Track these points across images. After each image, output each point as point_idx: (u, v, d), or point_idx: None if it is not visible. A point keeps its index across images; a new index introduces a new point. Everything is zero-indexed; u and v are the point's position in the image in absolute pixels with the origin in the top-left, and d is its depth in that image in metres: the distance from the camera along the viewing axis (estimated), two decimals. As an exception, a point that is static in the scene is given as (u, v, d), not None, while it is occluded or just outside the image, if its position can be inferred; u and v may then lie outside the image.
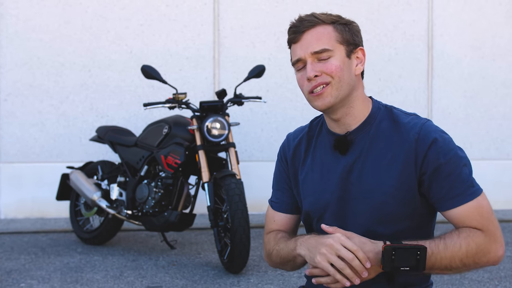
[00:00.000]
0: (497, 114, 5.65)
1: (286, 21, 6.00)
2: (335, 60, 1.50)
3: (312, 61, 1.50)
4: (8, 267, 3.71)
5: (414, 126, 1.50)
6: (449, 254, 1.43)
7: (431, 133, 1.48)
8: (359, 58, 1.55)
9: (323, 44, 1.49)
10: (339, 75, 1.50)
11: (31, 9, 5.17)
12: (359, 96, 1.55)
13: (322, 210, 1.58)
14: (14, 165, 5.20)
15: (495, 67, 5.65)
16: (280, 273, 3.55)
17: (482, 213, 1.47)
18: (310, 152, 1.63)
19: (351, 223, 1.54)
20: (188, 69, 5.31)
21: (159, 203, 3.90)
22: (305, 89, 1.53)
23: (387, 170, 1.50)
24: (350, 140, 1.55)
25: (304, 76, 1.52)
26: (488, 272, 3.57)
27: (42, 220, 5.04)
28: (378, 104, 1.59)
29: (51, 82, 5.20)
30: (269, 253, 1.68)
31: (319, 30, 1.51)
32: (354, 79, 1.54)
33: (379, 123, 1.55)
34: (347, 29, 1.53)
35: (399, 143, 1.50)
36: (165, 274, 3.56)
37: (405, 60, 5.53)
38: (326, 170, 1.58)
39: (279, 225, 1.70)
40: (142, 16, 5.26)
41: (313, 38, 1.50)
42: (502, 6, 5.64)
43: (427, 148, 1.47)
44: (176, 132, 3.88)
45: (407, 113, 1.57)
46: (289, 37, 1.55)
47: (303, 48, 1.51)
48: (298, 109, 5.35)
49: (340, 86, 1.50)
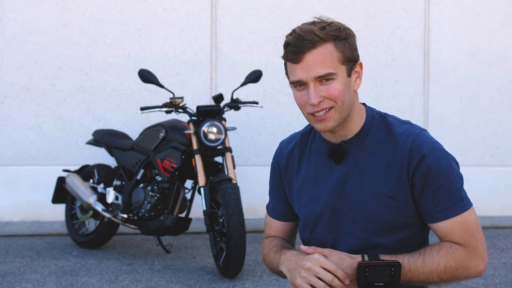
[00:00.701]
0: (493, 120, 5.67)
1: (283, 26, 6.01)
2: (338, 84, 1.47)
3: (314, 85, 1.46)
4: (3, 270, 3.70)
5: (408, 136, 1.50)
6: (427, 270, 1.45)
7: (424, 145, 1.48)
8: (358, 73, 1.54)
9: (327, 68, 1.45)
10: (342, 99, 1.48)
11: (29, 12, 5.18)
12: (356, 109, 1.55)
13: (315, 219, 1.59)
14: (10, 168, 5.20)
15: (491, 73, 5.67)
16: (276, 278, 3.55)
17: (467, 228, 1.48)
18: (304, 160, 1.63)
19: (346, 233, 1.54)
20: (185, 73, 5.32)
21: (155, 207, 3.90)
22: (306, 110, 1.50)
23: (382, 179, 1.50)
24: (345, 149, 1.55)
25: (304, 96, 1.49)
26: (483, 279, 3.58)
27: (38, 223, 5.03)
28: (372, 111, 1.58)
29: (48, 85, 5.20)
30: (264, 259, 1.71)
31: (321, 51, 1.45)
32: (353, 96, 1.53)
33: (374, 132, 1.55)
34: (347, 44, 1.48)
35: (393, 152, 1.50)
36: (161, 278, 3.56)
37: (401, 66, 5.55)
38: (321, 179, 1.58)
39: (276, 231, 1.73)
40: (139, 20, 5.27)
41: (315, 61, 1.44)
42: (498, 13, 5.67)
43: (419, 159, 1.47)
44: (173, 136, 3.88)
45: (401, 121, 1.56)
46: (287, 56, 1.48)
47: (305, 71, 1.45)
48: (295, 114, 5.36)
49: (343, 109, 1.49)
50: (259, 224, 5.00)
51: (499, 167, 5.65)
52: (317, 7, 5.43)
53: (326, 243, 1.58)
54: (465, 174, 1.71)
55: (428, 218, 1.51)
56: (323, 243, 1.58)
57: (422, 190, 1.48)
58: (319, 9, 5.41)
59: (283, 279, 1.68)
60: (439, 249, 1.47)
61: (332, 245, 1.57)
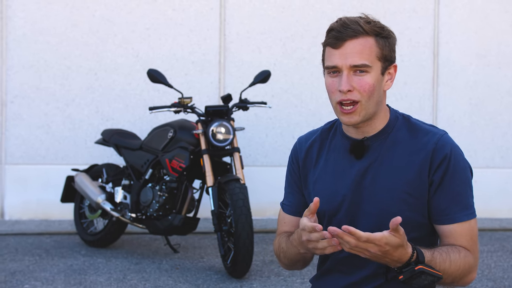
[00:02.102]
0: (502, 122, 5.64)
1: (292, 27, 6.02)
2: (370, 78, 1.50)
3: (348, 73, 1.49)
4: (12, 268, 3.72)
5: (433, 136, 1.53)
6: (450, 272, 1.46)
7: (448, 146, 1.51)
8: (391, 74, 1.57)
9: (364, 59, 1.48)
10: (370, 94, 1.50)
11: (39, 12, 5.20)
12: (382, 109, 1.58)
13: (333, 212, 1.59)
14: (19, 167, 5.23)
15: (500, 75, 5.64)
16: (283, 278, 3.55)
17: (472, 236, 1.50)
18: (323, 154, 1.64)
19: (361, 227, 1.54)
20: (194, 73, 5.32)
21: (163, 207, 3.90)
22: (335, 98, 1.52)
23: (401, 175, 1.52)
24: (366, 146, 1.57)
25: (335, 83, 1.51)
26: (492, 281, 3.56)
27: (47, 222, 5.06)
28: (396, 113, 1.61)
29: (58, 85, 5.23)
30: (277, 254, 1.70)
31: (362, 42, 1.49)
32: (382, 95, 1.55)
33: (397, 131, 1.57)
34: (387, 43, 1.53)
35: (416, 150, 1.53)
36: (168, 277, 3.57)
37: (410, 67, 5.53)
38: (340, 173, 1.59)
39: (289, 226, 1.71)
40: (148, 20, 5.29)
41: (355, 49, 1.48)
42: (508, 14, 5.64)
43: (442, 159, 1.49)
44: (181, 136, 3.89)
45: (425, 123, 1.59)
46: (328, 40, 1.52)
47: (342, 58, 1.49)
48: (303, 114, 5.36)
49: (369, 105, 1.51)
50: (267, 225, 4.99)
51: (509, 169, 5.62)
52: (326, 7, 5.42)
53: None
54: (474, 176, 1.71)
55: (437, 219, 1.51)
56: None
57: (437, 189, 1.49)
58: (328, 9, 5.41)
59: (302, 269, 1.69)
60: (459, 252, 1.48)
61: None
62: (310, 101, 5.38)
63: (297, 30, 5.41)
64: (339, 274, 1.61)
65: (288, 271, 3.69)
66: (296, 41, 5.41)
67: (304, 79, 5.35)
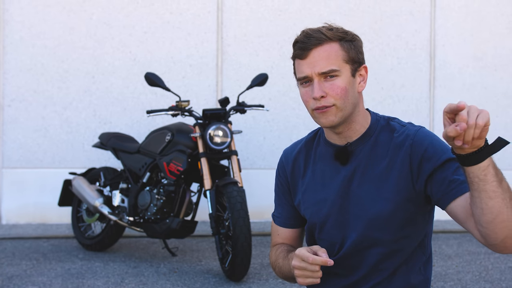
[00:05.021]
0: (499, 124, 5.66)
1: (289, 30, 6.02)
2: (341, 81, 1.53)
3: (318, 80, 1.52)
4: (10, 272, 3.71)
5: (408, 133, 1.55)
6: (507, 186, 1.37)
7: (425, 138, 1.53)
8: (362, 76, 1.59)
9: (330, 65, 1.52)
10: (344, 97, 1.53)
11: (36, 16, 5.21)
12: (360, 111, 1.60)
13: (323, 220, 1.62)
14: (17, 171, 5.22)
15: (496, 77, 5.66)
16: (281, 282, 3.55)
17: None
18: (310, 164, 1.67)
19: (351, 230, 1.58)
20: (191, 76, 5.33)
21: (161, 210, 3.90)
22: (310, 106, 1.55)
23: (385, 177, 1.55)
24: (350, 151, 1.60)
25: (309, 93, 1.55)
26: (489, 283, 3.57)
27: (44, 226, 5.05)
28: (376, 116, 1.64)
29: (55, 88, 5.22)
30: (273, 267, 1.73)
31: (326, 48, 1.52)
32: (357, 96, 1.58)
33: (378, 134, 1.60)
34: (352, 46, 1.55)
35: (395, 151, 1.55)
36: (166, 281, 3.56)
37: (407, 70, 5.55)
38: (327, 180, 1.62)
39: (283, 238, 1.75)
40: (146, 24, 5.29)
41: (320, 57, 1.52)
42: (504, 17, 5.67)
43: (422, 153, 1.50)
44: (179, 140, 3.89)
45: (402, 123, 1.61)
46: (295, 52, 1.56)
47: (310, 67, 1.53)
48: (300, 117, 5.37)
49: (344, 107, 1.54)
50: (265, 227, 5.00)
51: (506, 171, 5.59)
52: (323, 10, 5.44)
53: (335, 242, 1.61)
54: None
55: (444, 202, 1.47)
56: (331, 242, 1.62)
57: (432, 179, 1.49)
58: (325, 12, 5.42)
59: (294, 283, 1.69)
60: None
61: (340, 243, 1.60)
62: (308, 104, 5.38)
63: (294, 33, 5.39)
64: (336, 277, 1.63)
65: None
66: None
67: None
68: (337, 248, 1.61)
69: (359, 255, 1.58)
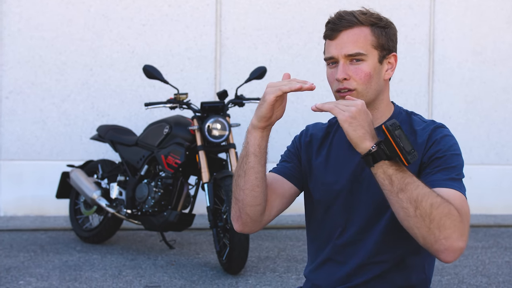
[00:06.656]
0: (498, 119, 5.65)
1: (288, 23, 6.00)
2: (366, 66, 1.53)
3: (344, 63, 1.53)
4: (7, 264, 3.71)
5: (427, 127, 1.55)
6: (425, 191, 1.35)
7: (443, 131, 1.54)
8: (391, 63, 1.59)
9: (358, 48, 1.52)
10: (367, 82, 1.53)
11: (34, 8, 5.18)
12: (384, 100, 1.60)
13: (331, 201, 1.61)
14: (14, 163, 5.21)
15: (496, 72, 5.66)
16: (279, 275, 3.56)
17: (463, 205, 1.40)
18: (326, 146, 1.67)
19: (357, 216, 1.58)
20: (190, 69, 5.32)
21: (158, 203, 3.90)
22: (333, 87, 1.56)
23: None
24: None
25: (334, 74, 1.55)
26: (486, 277, 3.58)
27: (42, 218, 5.05)
28: (399, 108, 1.64)
29: (53, 81, 5.21)
30: (235, 197, 1.57)
31: (356, 31, 1.53)
32: (382, 84, 1.58)
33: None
34: (384, 33, 1.56)
35: (413, 141, 1.54)
36: (164, 273, 3.57)
37: (406, 64, 5.54)
38: (340, 164, 1.61)
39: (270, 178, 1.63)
40: (144, 16, 5.27)
41: (349, 39, 1.53)
42: (503, 11, 5.65)
43: (433, 142, 1.51)
44: (177, 132, 3.89)
45: (424, 120, 1.61)
46: (325, 32, 1.57)
47: (338, 48, 1.53)
48: (299, 111, 5.36)
49: (366, 92, 1.54)
50: (262, 221, 5.00)
51: (504, 166, 5.64)
52: (322, 3, 5.42)
53: (339, 224, 1.60)
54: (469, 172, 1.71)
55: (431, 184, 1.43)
56: (335, 224, 1.61)
57: (431, 161, 1.49)
58: (324, 5, 5.40)
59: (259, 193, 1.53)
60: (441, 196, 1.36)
61: (344, 226, 1.59)
62: (306, 97, 5.38)
63: (293, 26, 5.41)
64: (334, 264, 1.61)
65: (283, 267, 3.70)
66: (292, 37, 5.41)
67: (300, 75, 5.35)
68: (339, 232, 1.60)
69: (360, 242, 1.57)
